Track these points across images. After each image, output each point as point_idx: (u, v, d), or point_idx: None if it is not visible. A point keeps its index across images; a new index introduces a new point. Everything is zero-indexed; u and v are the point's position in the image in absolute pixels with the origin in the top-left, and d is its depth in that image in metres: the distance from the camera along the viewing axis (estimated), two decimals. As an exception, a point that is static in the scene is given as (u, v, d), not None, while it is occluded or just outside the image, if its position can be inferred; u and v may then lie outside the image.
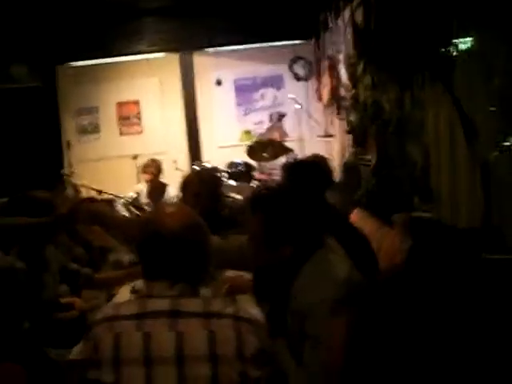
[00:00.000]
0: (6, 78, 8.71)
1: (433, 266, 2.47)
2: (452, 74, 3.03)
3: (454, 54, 3.06)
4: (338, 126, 7.35)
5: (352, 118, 6.02)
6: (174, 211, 2.11)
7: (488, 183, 3.05)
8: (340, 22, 6.49)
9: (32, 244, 3.59)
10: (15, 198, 3.72)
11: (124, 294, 3.51)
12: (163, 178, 7.57)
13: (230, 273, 3.84)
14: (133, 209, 7.31)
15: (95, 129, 9.31)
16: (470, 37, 3.27)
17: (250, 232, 2.51)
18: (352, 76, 5.94)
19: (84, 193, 7.66)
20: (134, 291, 3.29)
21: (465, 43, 3.24)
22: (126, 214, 7.36)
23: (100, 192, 7.38)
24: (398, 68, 3.13)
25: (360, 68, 4.11)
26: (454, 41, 3.04)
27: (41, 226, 3.24)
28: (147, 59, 8.99)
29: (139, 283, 2.94)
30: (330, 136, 8.04)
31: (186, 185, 4.60)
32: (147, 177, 7.47)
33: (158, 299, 1.95)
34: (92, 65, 8.97)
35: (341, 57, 6.86)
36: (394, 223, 3.84)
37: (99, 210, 3.48)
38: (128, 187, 7.78)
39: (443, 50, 3.00)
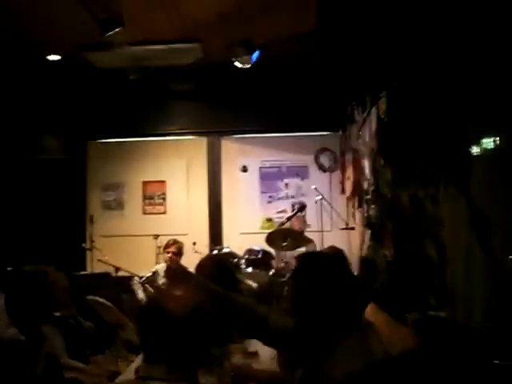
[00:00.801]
0: (38, 149, 8.96)
1: (441, 365, 2.43)
2: (469, 176, 3.05)
3: (472, 154, 3.09)
4: (358, 219, 7.35)
5: (371, 211, 6.02)
6: (179, 294, 2.10)
7: (503, 287, 3.01)
8: (366, 116, 6.60)
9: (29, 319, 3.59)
10: (7, 271, 3.75)
11: (128, 374, 3.47)
12: (182, 260, 7.56)
13: (238, 359, 3.80)
14: (149, 288, 7.29)
15: (119, 205, 9.40)
16: (487, 138, 3.30)
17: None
18: (374, 170, 5.99)
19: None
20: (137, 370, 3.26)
21: (482, 144, 3.27)
22: (141, 292, 7.35)
23: (117, 269, 7.40)
24: (416, 165, 3.15)
25: (381, 162, 4.14)
26: (471, 141, 3.07)
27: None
28: (175, 140, 9.18)
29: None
30: (351, 229, 8.03)
31: (201, 267, 4.60)
32: (167, 257, 7.47)
33: (156, 382, 1.93)
34: (121, 142, 9.20)
35: (365, 150, 6.93)
36: (407, 321, 3.77)
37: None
38: (147, 266, 7.79)
39: (459, 150, 3.02)
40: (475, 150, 3.23)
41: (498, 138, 3.40)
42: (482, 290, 3.47)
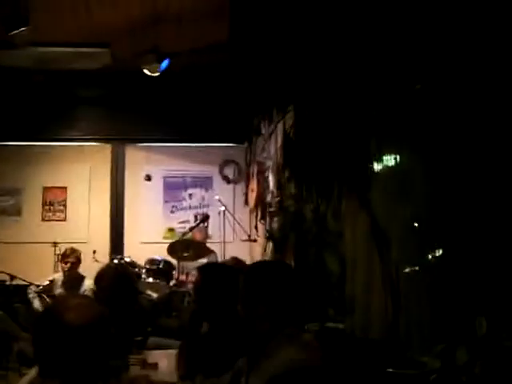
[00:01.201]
0: None
1: (340, 377, 2.48)
2: (368, 190, 3.14)
3: (373, 170, 3.18)
4: (260, 231, 7.41)
5: (274, 224, 6.09)
6: (75, 304, 1.98)
7: (398, 297, 3.11)
8: (272, 129, 6.67)
9: None
10: None
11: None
12: (81, 268, 7.39)
13: (137, 370, 3.75)
14: (45, 297, 7.08)
15: (17, 211, 9.11)
16: (388, 155, 3.41)
17: None
18: (278, 183, 6.06)
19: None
20: None
21: (383, 161, 3.37)
22: (37, 302, 7.13)
23: (12, 277, 7.16)
24: (319, 180, 3.22)
25: (285, 176, 4.21)
26: (373, 158, 3.17)
27: None
28: (79, 146, 8.97)
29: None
30: (253, 241, 8.08)
31: (101, 277, 4.54)
32: (65, 266, 7.28)
33: None
34: (21, 145, 8.86)
35: (270, 163, 7.00)
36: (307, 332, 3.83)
37: None
38: (45, 274, 7.57)
39: (361, 166, 3.11)
40: (376, 165, 3.32)
41: (397, 155, 3.53)
42: (379, 303, 3.57)
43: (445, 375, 2.09)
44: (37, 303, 7.16)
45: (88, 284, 6.90)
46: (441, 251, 3.29)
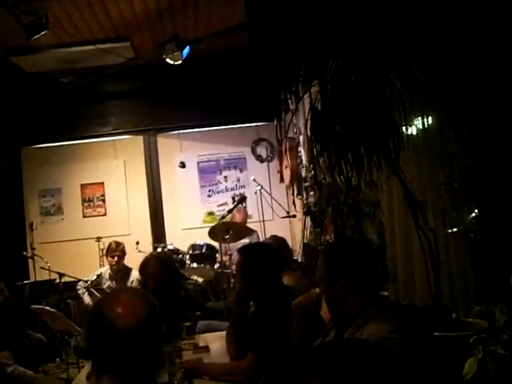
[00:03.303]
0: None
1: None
2: (397, 156, 3.12)
3: (401, 134, 3.16)
4: (298, 207, 7.43)
5: (310, 198, 6.10)
6: (126, 302, 1.97)
7: (438, 262, 3.11)
8: (299, 103, 6.65)
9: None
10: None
11: (80, 380, 3.47)
12: (126, 260, 7.53)
13: (189, 354, 3.84)
14: (94, 291, 7.24)
15: (58, 210, 9.29)
16: (417, 120, 3.39)
17: None
18: (310, 157, 6.05)
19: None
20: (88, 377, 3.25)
21: (411, 124, 3.36)
22: (87, 297, 7.29)
23: (61, 275, 7.32)
24: (347, 150, 3.22)
25: (316, 150, 4.23)
26: (400, 122, 3.15)
27: None
28: (111, 141, 9.09)
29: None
30: (292, 216, 8.10)
31: (145, 268, 4.63)
32: (112, 260, 7.43)
33: None
34: (56, 146, 9.04)
35: (301, 138, 7.00)
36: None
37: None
38: (91, 269, 7.74)
39: (388, 131, 3.10)
40: (404, 129, 3.30)
41: (425, 117, 3.51)
42: (420, 268, 3.58)
43: (486, 335, 2.10)
44: (87, 298, 7.33)
45: (135, 275, 7.04)
46: (476, 211, 3.28)
